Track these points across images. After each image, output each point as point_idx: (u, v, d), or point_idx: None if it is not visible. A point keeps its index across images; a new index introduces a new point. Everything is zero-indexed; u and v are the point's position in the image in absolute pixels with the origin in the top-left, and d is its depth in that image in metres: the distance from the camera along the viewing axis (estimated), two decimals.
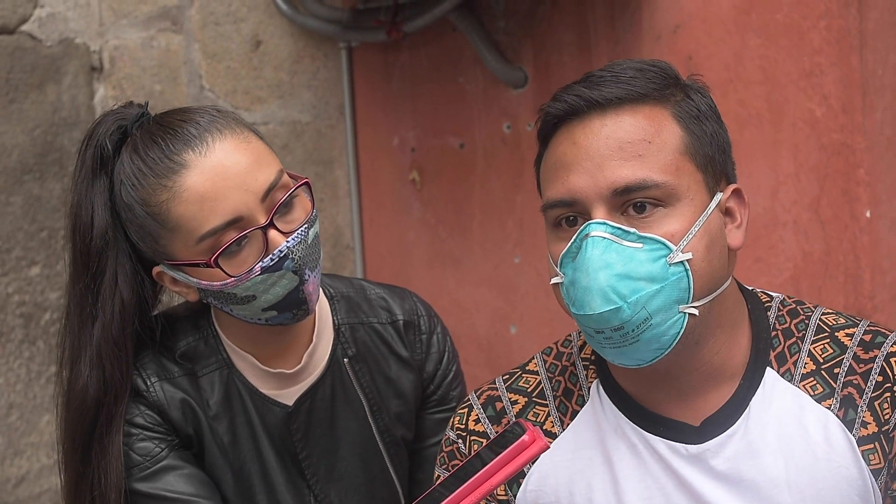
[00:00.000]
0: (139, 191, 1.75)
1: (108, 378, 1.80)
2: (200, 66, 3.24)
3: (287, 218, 1.76)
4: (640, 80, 1.55)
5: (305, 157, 3.30)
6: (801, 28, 2.52)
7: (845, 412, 1.55)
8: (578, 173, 1.51)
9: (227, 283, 1.74)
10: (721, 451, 1.56)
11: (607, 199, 1.50)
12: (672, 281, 1.48)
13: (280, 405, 1.89)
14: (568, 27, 2.87)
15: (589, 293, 1.47)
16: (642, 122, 1.52)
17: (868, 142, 2.48)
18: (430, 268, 3.22)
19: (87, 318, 1.81)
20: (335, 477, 1.94)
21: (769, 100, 2.58)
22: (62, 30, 3.01)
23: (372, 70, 3.26)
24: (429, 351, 2.01)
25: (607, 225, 1.49)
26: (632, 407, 1.61)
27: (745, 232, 1.60)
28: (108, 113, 1.85)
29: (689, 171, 1.52)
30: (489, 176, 3.06)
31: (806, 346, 1.59)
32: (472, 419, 1.71)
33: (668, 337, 1.50)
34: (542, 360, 1.73)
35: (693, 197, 1.52)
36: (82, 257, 1.81)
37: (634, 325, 1.47)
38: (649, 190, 1.49)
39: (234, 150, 1.74)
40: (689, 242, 1.49)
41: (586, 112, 1.54)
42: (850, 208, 2.50)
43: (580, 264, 1.49)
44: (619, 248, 1.48)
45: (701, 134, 1.56)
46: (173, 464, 1.84)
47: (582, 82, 1.57)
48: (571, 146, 1.53)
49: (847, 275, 2.52)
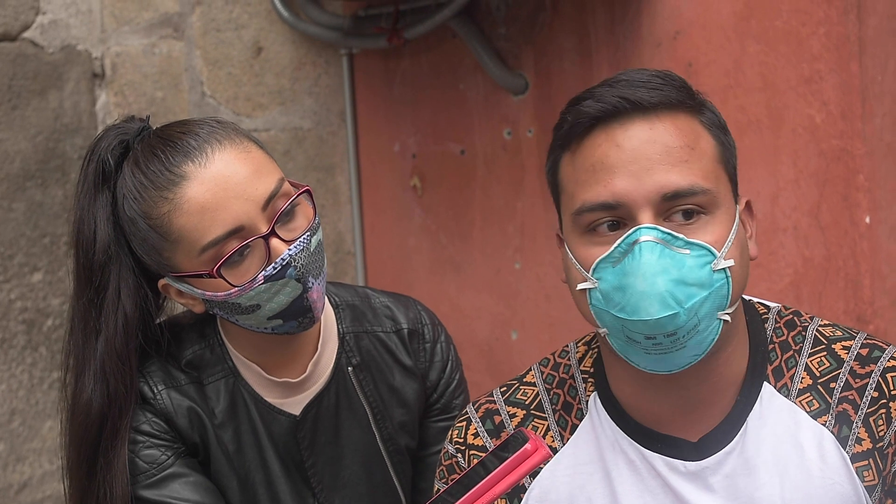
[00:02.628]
0: (141, 204, 1.76)
1: (113, 392, 1.80)
2: (202, 73, 3.25)
3: (289, 226, 1.76)
4: (670, 87, 1.53)
5: (307, 163, 3.30)
6: (801, 34, 2.52)
7: (840, 428, 1.54)
8: (623, 176, 1.48)
9: (231, 293, 1.74)
10: (719, 469, 1.55)
11: (656, 204, 1.47)
12: (716, 287, 1.47)
13: (285, 414, 1.90)
14: (568, 34, 2.87)
15: (646, 298, 1.44)
16: (685, 128, 1.51)
17: (867, 148, 2.49)
18: (430, 274, 3.22)
19: (90, 332, 1.82)
20: (339, 485, 1.94)
21: (769, 106, 2.58)
22: (64, 37, 3.02)
23: (373, 76, 3.27)
24: (432, 360, 2.01)
25: (658, 230, 1.46)
26: (628, 423, 1.61)
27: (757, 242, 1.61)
28: (109, 127, 1.86)
29: (724, 180, 1.53)
30: (490, 182, 3.07)
31: (803, 359, 1.59)
32: (471, 433, 1.70)
33: (706, 343, 1.49)
34: (540, 372, 1.72)
35: (728, 206, 1.52)
36: (85, 272, 1.82)
37: (686, 331, 1.46)
38: (697, 196, 1.48)
39: (233, 160, 1.75)
40: (728, 250, 1.49)
41: (629, 114, 1.50)
42: (850, 214, 2.51)
43: (632, 269, 1.45)
44: (672, 253, 1.46)
45: (727, 144, 1.56)
46: (179, 471, 1.84)
47: (611, 86, 1.53)
48: (614, 148, 1.49)
49: (847, 280, 2.52)
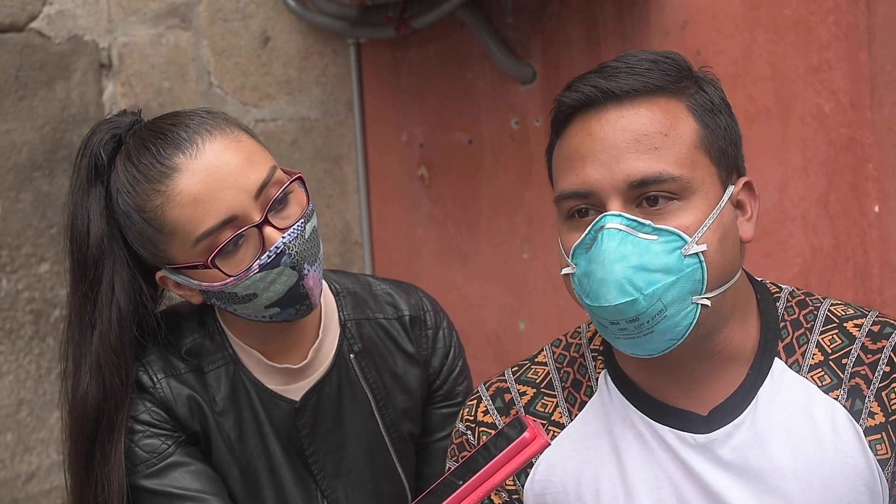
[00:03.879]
0: (134, 197, 1.76)
1: (108, 386, 1.81)
2: (209, 63, 3.25)
3: (282, 214, 1.76)
4: (656, 72, 1.55)
5: (314, 153, 3.30)
6: (810, 23, 2.51)
7: (852, 402, 1.55)
8: (594, 165, 1.51)
9: (227, 283, 1.74)
10: (728, 441, 1.56)
11: (623, 192, 1.50)
12: (687, 273, 1.48)
13: (286, 400, 1.90)
14: (576, 23, 2.87)
15: (604, 285, 1.48)
16: (658, 115, 1.52)
17: (877, 137, 2.48)
18: (438, 263, 3.22)
19: (86, 326, 1.82)
20: (342, 472, 1.94)
21: (777, 95, 2.57)
22: (71, 27, 3.02)
23: (380, 66, 3.26)
24: (435, 346, 2.01)
25: (623, 217, 1.49)
26: (640, 396, 1.62)
27: (756, 224, 1.60)
28: (101, 122, 1.86)
29: (703, 165, 1.53)
30: (497, 172, 3.06)
31: (814, 336, 1.60)
32: (481, 410, 1.72)
33: (681, 328, 1.50)
34: (552, 352, 1.74)
35: (707, 190, 1.52)
36: (79, 266, 1.82)
37: (649, 316, 1.48)
38: (665, 183, 1.49)
39: (224, 150, 1.75)
40: (703, 234, 1.49)
41: (602, 103, 1.53)
42: (859, 203, 2.50)
43: (595, 256, 1.49)
44: (634, 240, 1.48)
45: (715, 127, 1.56)
46: (180, 460, 1.84)
47: (597, 73, 1.57)
48: (587, 137, 1.53)
49: (856, 270, 2.52)
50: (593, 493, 1.62)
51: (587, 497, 1.62)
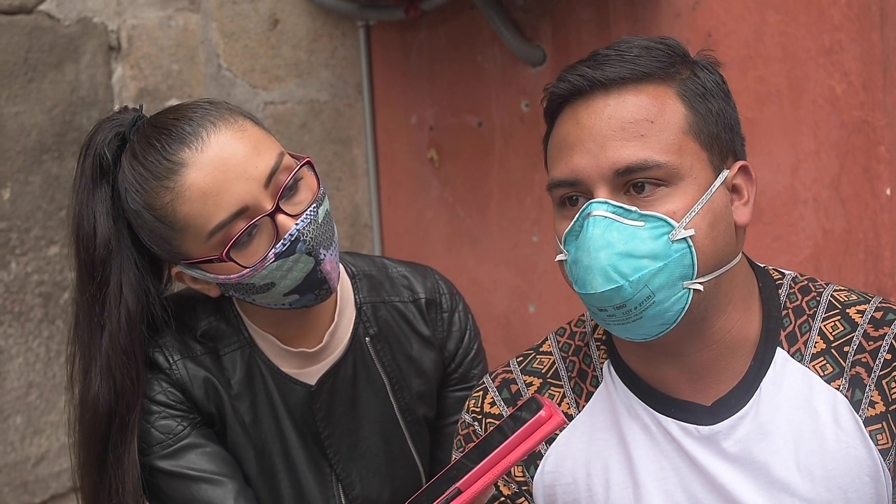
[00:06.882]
0: (143, 196, 1.74)
1: (119, 388, 1.80)
2: (218, 46, 3.24)
3: (294, 200, 1.75)
4: (646, 58, 1.55)
5: (324, 136, 3.30)
6: (822, 4, 2.50)
7: (853, 392, 1.55)
8: (581, 153, 1.52)
9: (244, 275, 1.73)
10: (732, 433, 1.56)
11: (609, 180, 1.50)
12: (675, 258, 1.48)
13: (302, 384, 1.89)
14: (587, 5, 2.86)
15: (590, 272, 1.49)
16: (645, 102, 1.52)
17: (889, 119, 2.47)
18: (448, 246, 3.22)
19: (95, 328, 1.81)
20: (357, 456, 1.94)
21: (789, 77, 2.56)
22: (80, 9, 3.01)
23: (390, 49, 3.25)
24: (450, 329, 2.01)
25: (608, 204, 1.49)
26: (642, 388, 1.62)
27: (753, 208, 1.60)
28: (103, 121, 1.84)
29: (692, 150, 1.52)
30: (507, 154, 3.06)
31: (817, 323, 1.60)
32: (488, 402, 1.71)
33: (672, 313, 1.50)
34: (556, 341, 1.74)
35: (696, 175, 1.51)
36: (87, 267, 1.81)
37: (637, 302, 1.48)
38: (650, 170, 1.49)
39: (230, 140, 1.73)
40: (691, 219, 1.49)
41: (590, 92, 1.54)
42: (871, 186, 2.49)
43: (582, 243, 1.50)
44: (620, 226, 1.48)
45: (706, 112, 1.55)
46: (195, 441, 1.84)
47: (587, 61, 1.57)
48: (575, 126, 1.54)
49: (867, 252, 2.51)
50: (603, 483, 1.62)
51: (597, 488, 1.62)
